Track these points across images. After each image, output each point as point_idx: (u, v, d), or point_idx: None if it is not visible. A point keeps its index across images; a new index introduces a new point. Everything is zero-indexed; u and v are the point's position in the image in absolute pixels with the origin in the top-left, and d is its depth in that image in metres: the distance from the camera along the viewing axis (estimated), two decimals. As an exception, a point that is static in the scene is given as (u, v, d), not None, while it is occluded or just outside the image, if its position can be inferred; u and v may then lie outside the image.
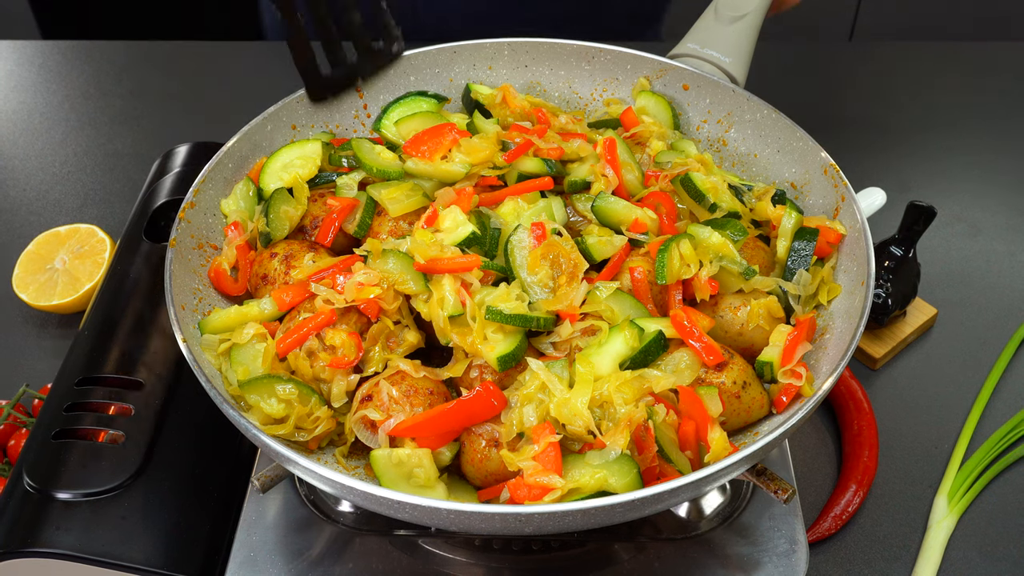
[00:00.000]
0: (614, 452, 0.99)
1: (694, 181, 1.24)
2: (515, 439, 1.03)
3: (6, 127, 2.06)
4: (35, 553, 1.11)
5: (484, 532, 1.02)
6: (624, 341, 1.08)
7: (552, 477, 0.97)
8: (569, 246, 1.13)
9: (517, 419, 1.03)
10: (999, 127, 2.00)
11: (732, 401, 1.09)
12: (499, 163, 1.27)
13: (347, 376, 1.10)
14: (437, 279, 1.11)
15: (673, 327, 1.10)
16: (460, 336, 1.09)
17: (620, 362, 1.07)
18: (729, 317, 1.16)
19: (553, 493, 0.96)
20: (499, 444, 1.03)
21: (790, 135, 1.34)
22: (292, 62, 1.34)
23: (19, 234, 1.79)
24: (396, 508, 0.94)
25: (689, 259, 1.15)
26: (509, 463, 1.00)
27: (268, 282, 1.20)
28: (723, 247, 1.16)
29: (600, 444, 1.00)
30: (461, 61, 1.49)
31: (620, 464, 0.98)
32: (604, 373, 1.06)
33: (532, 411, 1.03)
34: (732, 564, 1.15)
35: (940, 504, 1.33)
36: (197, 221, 1.25)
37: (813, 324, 1.17)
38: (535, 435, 1.01)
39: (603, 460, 0.98)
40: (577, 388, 1.04)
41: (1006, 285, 1.66)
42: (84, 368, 1.28)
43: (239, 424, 1.00)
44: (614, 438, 1.00)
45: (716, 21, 1.48)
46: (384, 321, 1.12)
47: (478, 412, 1.04)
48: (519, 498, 0.97)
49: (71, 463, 1.18)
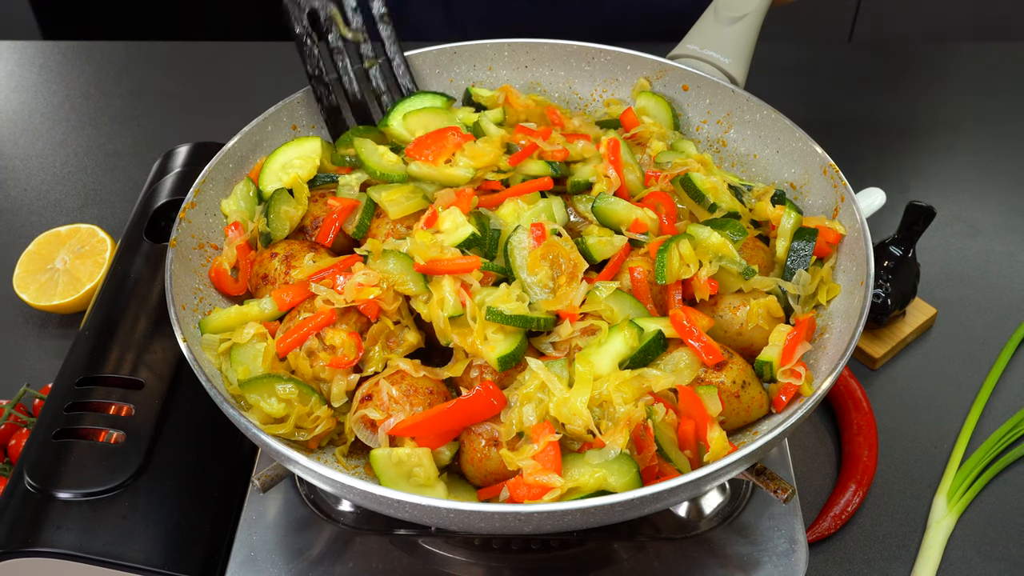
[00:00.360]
0: (613, 451, 0.99)
1: (694, 181, 1.24)
2: (515, 438, 1.03)
3: (7, 127, 2.06)
4: (36, 553, 1.11)
5: (484, 531, 1.02)
6: (624, 341, 1.08)
7: (551, 476, 0.97)
8: (568, 246, 1.13)
9: (517, 418, 1.03)
10: (998, 127, 2.00)
11: (731, 401, 1.09)
12: (503, 167, 1.27)
13: (347, 376, 1.10)
14: (437, 280, 1.11)
15: (672, 327, 1.10)
16: (460, 337, 1.09)
17: (620, 362, 1.07)
18: (728, 317, 1.16)
19: (552, 492, 0.96)
20: (499, 443, 1.04)
21: (789, 135, 1.34)
22: (295, 63, 1.35)
23: (20, 234, 1.79)
24: (396, 507, 0.94)
25: (689, 259, 1.15)
26: (509, 462, 1.00)
27: (268, 282, 1.20)
28: (723, 247, 1.16)
29: (600, 443, 1.00)
30: (461, 62, 1.49)
31: (619, 463, 0.98)
32: (603, 372, 1.06)
33: (532, 410, 1.04)
34: (732, 564, 1.15)
35: (939, 504, 1.33)
36: (197, 221, 1.25)
37: (813, 324, 1.17)
38: (534, 435, 1.01)
39: (602, 459, 0.98)
40: (576, 387, 1.04)
41: (1005, 285, 1.66)
42: (85, 368, 1.29)
43: (240, 424, 1.01)
44: (613, 437, 1.00)
45: (716, 22, 1.48)
46: (384, 321, 1.13)
47: (478, 411, 1.04)
48: (519, 497, 0.97)
49: (72, 463, 1.18)
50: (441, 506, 0.91)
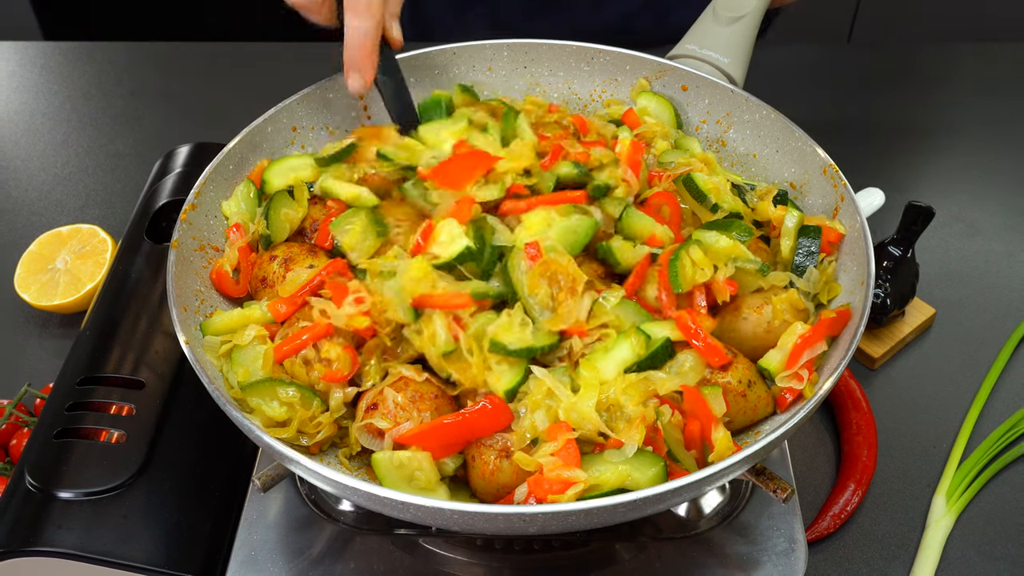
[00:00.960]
0: (631, 448, 0.99)
1: (696, 181, 1.24)
2: (528, 446, 1.02)
3: (8, 128, 2.07)
4: (37, 552, 1.11)
5: (487, 532, 1.02)
6: (631, 348, 1.07)
7: (574, 471, 0.97)
8: (565, 260, 1.11)
9: (529, 425, 1.03)
10: (997, 128, 2.00)
11: (738, 400, 1.09)
12: (536, 170, 1.23)
13: (343, 388, 1.09)
14: (428, 314, 1.08)
15: (678, 328, 1.10)
16: (460, 371, 1.06)
17: (625, 368, 1.07)
18: (754, 318, 1.15)
19: (576, 487, 0.96)
20: (510, 454, 1.02)
21: (789, 135, 1.34)
22: (295, 63, 1.34)
23: (21, 234, 1.79)
24: (400, 509, 0.94)
25: (701, 263, 1.13)
26: (525, 464, 1.00)
27: (267, 285, 1.20)
28: (734, 248, 1.15)
29: (616, 443, 1.00)
30: (461, 62, 1.49)
31: (642, 459, 0.98)
32: (608, 378, 1.06)
33: (543, 416, 1.03)
34: (731, 563, 1.15)
35: (938, 503, 1.34)
36: (198, 222, 1.26)
37: (839, 320, 1.13)
38: (551, 435, 1.00)
39: (622, 457, 0.99)
40: (583, 392, 1.04)
41: (1004, 285, 1.66)
42: (86, 368, 1.29)
43: (243, 425, 1.01)
44: (629, 434, 1.00)
45: (715, 22, 1.49)
46: (381, 338, 1.11)
47: (485, 425, 1.03)
48: (540, 494, 0.96)
49: (73, 462, 1.18)
50: (445, 507, 0.91)
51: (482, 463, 1.04)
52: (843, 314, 1.13)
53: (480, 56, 1.49)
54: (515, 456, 1.01)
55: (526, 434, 1.02)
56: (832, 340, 1.13)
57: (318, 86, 1.42)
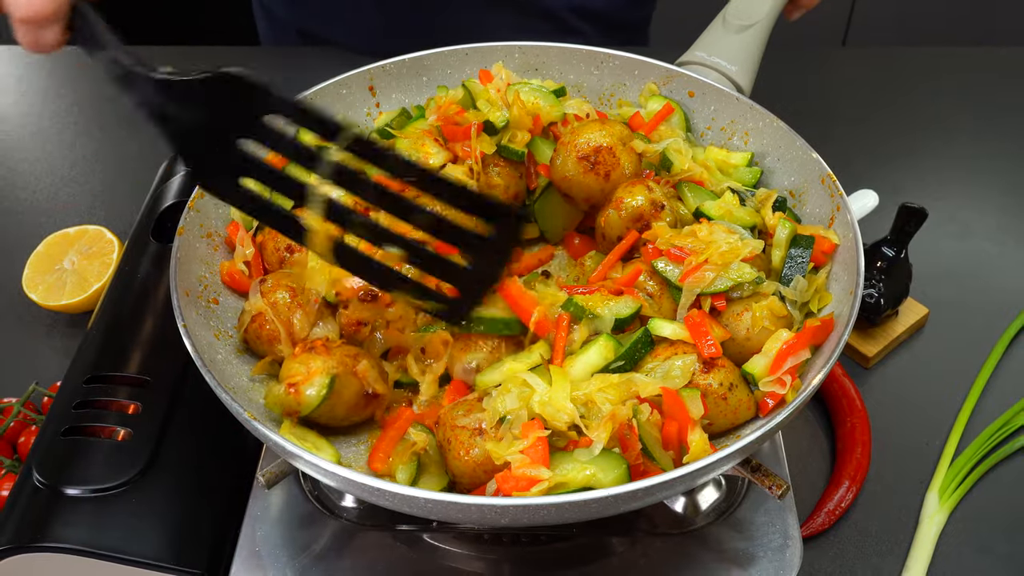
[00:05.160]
0: (598, 446, 1.00)
1: (708, 214, 1.25)
2: (498, 424, 1.03)
3: (17, 131, 2.09)
4: (45, 548, 1.12)
5: (462, 522, 1.02)
6: (599, 352, 1.09)
7: (540, 469, 0.98)
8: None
9: (500, 404, 1.04)
10: (990, 129, 2.02)
11: (719, 403, 1.09)
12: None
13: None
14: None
15: (687, 329, 1.12)
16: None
17: (594, 371, 1.08)
18: (734, 324, 1.15)
19: (540, 485, 0.97)
20: (483, 432, 1.04)
21: (790, 144, 1.35)
22: (294, 64, 1.35)
23: (29, 235, 1.80)
24: (377, 495, 0.96)
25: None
26: (495, 456, 1.01)
27: (293, 251, 1.24)
28: (737, 249, 1.16)
29: (587, 442, 1.01)
30: (472, 63, 1.50)
31: (607, 459, 0.99)
32: (578, 379, 1.07)
33: (514, 398, 1.04)
34: (727, 559, 1.16)
35: (931, 499, 1.35)
36: (206, 211, 1.28)
37: (822, 329, 1.14)
38: (524, 432, 1.01)
39: (590, 456, 1.00)
40: (556, 384, 1.05)
41: (997, 285, 1.68)
42: (93, 366, 1.30)
43: (238, 414, 1.03)
44: (597, 433, 1.01)
45: (724, 30, 1.50)
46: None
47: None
48: (506, 490, 0.98)
49: (80, 459, 1.19)
50: (419, 496, 0.93)
51: (458, 443, 1.04)
52: (827, 323, 1.13)
53: (492, 57, 1.50)
54: (486, 444, 1.02)
55: (497, 411, 1.03)
56: (816, 348, 1.14)
57: (330, 82, 1.44)
